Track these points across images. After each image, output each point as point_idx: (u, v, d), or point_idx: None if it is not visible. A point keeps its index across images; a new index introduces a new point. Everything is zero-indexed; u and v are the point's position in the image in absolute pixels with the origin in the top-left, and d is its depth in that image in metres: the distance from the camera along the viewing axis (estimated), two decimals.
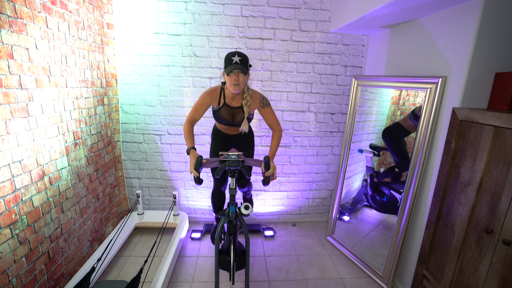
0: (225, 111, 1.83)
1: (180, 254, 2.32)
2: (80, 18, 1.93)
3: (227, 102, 1.81)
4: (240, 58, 1.61)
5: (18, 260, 1.42)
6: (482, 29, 1.37)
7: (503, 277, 1.18)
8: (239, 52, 1.63)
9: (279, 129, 1.87)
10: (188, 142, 1.74)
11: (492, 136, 1.25)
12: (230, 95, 1.78)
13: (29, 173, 1.50)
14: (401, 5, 1.59)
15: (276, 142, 1.84)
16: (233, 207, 1.69)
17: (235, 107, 1.82)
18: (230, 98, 1.80)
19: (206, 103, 1.81)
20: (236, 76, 1.62)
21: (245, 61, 1.63)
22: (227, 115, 1.84)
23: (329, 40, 2.48)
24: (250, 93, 1.79)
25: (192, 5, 2.32)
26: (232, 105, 1.82)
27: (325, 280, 2.08)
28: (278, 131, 1.86)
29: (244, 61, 1.63)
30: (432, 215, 1.62)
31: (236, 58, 1.60)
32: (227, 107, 1.82)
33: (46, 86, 1.62)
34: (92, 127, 2.14)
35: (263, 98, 1.84)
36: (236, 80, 1.62)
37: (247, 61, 1.65)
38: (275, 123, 1.87)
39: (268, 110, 1.85)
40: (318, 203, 2.93)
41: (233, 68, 1.59)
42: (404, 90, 1.97)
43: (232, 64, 1.60)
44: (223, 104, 1.81)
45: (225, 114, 1.84)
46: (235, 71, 1.61)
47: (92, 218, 2.17)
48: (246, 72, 1.64)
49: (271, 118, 1.86)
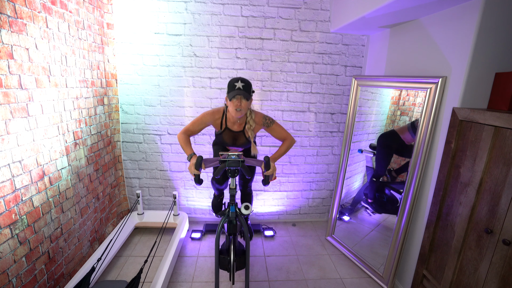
0: (227, 135, 1.85)
1: (180, 254, 2.32)
2: (80, 18, 1.93)
3: (229, 126, 1.82)
4: (243, 84, 1.63)
5: (18, 260, 1.42)
6: (482, 29, 1.37)
7: (503, 277, 1.18)
8: (242, 78, 1.65)
9: (291, 138, 1.85)
10: (187, 150, 1.74)
11: (492, 136, 1.25)
12: (232, 119, 1.79)
13: (29, 173, 1.50)
14: (401, 5, 1.59)
15: (285, 149, 1.82)
16: (233, 207, 1.69)
17: (236, 131, 1.83)
18: (232, 122, 1.81)
19: (206, 122, 1.82)
20: (239, 102, 1.63)
21: (248, 87, 1.65)
22: (229, 139, 1.87)
23: (329, 40, 2.48)
24: (253, 116, 1.79)
25: (192, 5, 2.32)
26: (234, 129, 1.83)
27: (325, 280, 2.08)
28: (289, 140, 1.84)
29: (247, 87, 1.64)
30: (432, 215, 1.62)
31: (239, 84, 1.62)
32: (229, 131, 1.83)
33: (46, 86, 1.62)
34: (92, 127, 2.14)
35: (265, 118, 1.83)
36: (238, 105, 1.63)
37: (250, 87, 1.67)
38: (286, 135, 1.85)
39: (275, 127, 1.83)
40: (318, 203, 2.93)
41: (235, 94, 1.61)
42: (404, 90, 1.97)
43: (235, 90, 1.62)
44: (225, 128, 1.83)
45: (227, 137, 1.86)
46: (237, 96, 1.62)
47: (92, 218, 2.17)
48: (249, 98, 1.66)
49: (280, 133, 1.84)
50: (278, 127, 1.84)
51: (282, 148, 1.82)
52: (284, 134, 1.85)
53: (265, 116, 1.83)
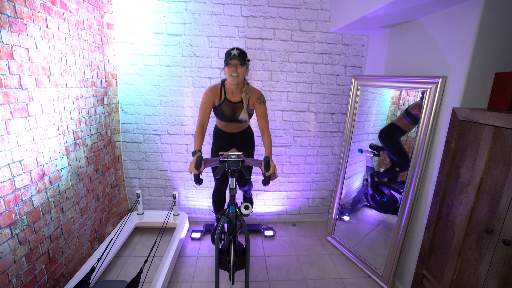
0: (226, 106, 1.89)
1: (180, 254, 2.32)
2: (80, 18, 1.93)
3: (228, 97, 1.88)
4: (238, 51, 1.72)
5: (18, 260, 1.42)
6: (482, 29, 1.37)
7: (503, 277, 1.18)
8: (237, 47, 1.75)
9: (268, 130, 1.89)
10: (196, 144, 1.79)
11: (492, 136, 1.25)
12: (230, 90, 1.86)
13: (29, 173, 1.50)
14: (401, 5, 1.59)
15: (268, 141, 1.85)
16: (233, 207, 1.69)
17: (235, 102, 1.89)
18: (230, 93, 1.87)
19: (210, 100, 1.86)
20: (234, 67, 1.72)
21: (243, 55, 1.74)
22: (228, 110, 1.90)
23: (329, 40, 2.48)
24: (249, 87, 1.88)
25: (192, 5, 2.32)
26: (233, 100, 1.88)
27: (325, 280, 2.08)
28: (267, 133, 1.88)
29: (242, 54, 1.74)
30: (432, 215, 1.62)
31: (234, 52, 1.72)
32: (228, 102, 1.88)
33: (46, 86, 1.62)
34: (92, 127, 2.14)
35: (261, 95, 1.91)
36: (234, 70, 1.72)
37: (245, 55, 1.76)
38: (266, 123, 1.90)
39: (263, 108, 1.90)
40: (318, 203, 2.93)
41: (231, 59, 1.70)
42: (404, 90, 1.97)
43: (230, 56, 1.71)
44: (224, 99, 1.87)
45: (226, 109, 1.90)
46: (233, 61, 1.71)
47: (92, 218, 2.17)
48: (244, 64, 1.74)
49: (264, 116, 1.90)
50: (266, 111, 1.91)
51: (266, 141, 1.85)
52: (266, 120, 1.90)
53: (262, 94, 1.92)
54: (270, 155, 1.79)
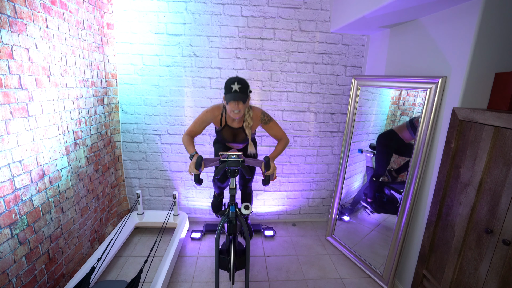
0: (227, 132, 1.86)
1: (180, 254, 2.32)
2: (80, 18, 1.93)
3: (228, 123, 1.82)
4: (239, 86, 1.57)
5: (18, 260, 1.42)
6: (482, 29, 1.37)
7: (503, 277, 1.18)
8: (238, 79, 1.59)
9: (287, 138, 1.85)
10: (189, 149, 1.72)
11: (492, 136, 1.25)
12: (231, 117, 1.78)
13: (29, 173, 1.50)
14: (401, 5, 1.59)
15: (281, 148, 1.82)
16: (233, 207, 1.69)
17: (236, 128, 1.83)
18: (231, 119, 1.80)
19: (207, 120, 1.81)
20: (236, 105, 1.60)
21: (244, 89, 1.60)
22: (229, 136, 1.87)
23: (329, 40, 2.48)
24: (250, 114, 1.77)
25: (192, 5, 2.32)
26: (234, 126, 1.83)
27: (325, 280, 2.08)
28: (285, 140, 1.84)
29: (243, 89, 1.59)
30: (432, 215, 1.62)
31: (235, 86, 1.57)
32: (229, 128, 1.84)
33: (46, 86, 1.62)
34: (92, 127, 2.14)
35: (263, 114, 1.81)
36: (236, 107, 1.61)
37: (247, 88, 1.61)
38: (282, 135, 1.84)
39: (272, 125, 1.82)
40: (318, 203, 2.93)
41: (232, 98, 1.57)
42: (404, 90, 1.97)
43: (231, 93, 1.57)
44: (225, 125, 1.83)
45: (227, 134, 1.87)
46: (234, 101, 1.59)
47: (92, 218, 2.17)
48: (246, 100, 1.62)
49: (276, 132, 1.83)
50: (275, 125, 1.83)
51: (279, 147, 1.82)
52: (280, 133, 1.84)
53: (264, 113, 1.82)
54: (274, 158, 1.77)
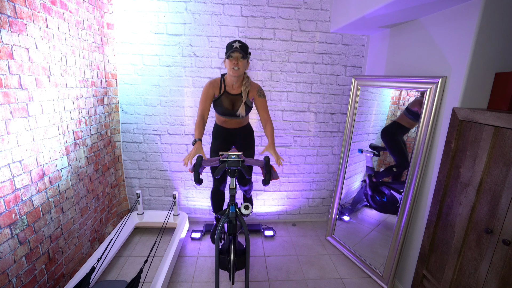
0: (225, 99, 1.91)
1: (180, 254, 2.32)
2: (80, 18, 1.93)
3: (227, 89, 1.91)
4: (240, 44, 1.73)
5: (18, 260, 1.42)
6: (482, 29, 1.37)
7: (503, 277, 1.18)
8: (239, 40, 1.78)
9: (271, 120, 1.92)
10: (196, 133, 1.79)
11: (492, 136, 1.25)
12: (230, 82, 1.88)
13: (29, 173, 1.50)
14: (401, 5, 1.59)
15: (272, 131, 1.87)
16: (233, 207, 1.69)
17: (235, 94, 1.91)
18: (230, 86, 1.90)
19: (210, 93, 1.89)
20: (235, 60, 1.73)
21: (244, 47, 1.75)
22: (227, 103, 1.92)
23: (329, 40, 2.48)
24: (249, 80, 1.91)
25: (192, 5, 2.32)
26: (232, 93, 1.91)
27: (325, 280, 2.08)
28: (270, 122, 1.91)
29: (243, 47, 1.75)
30: (432, 215, 1.62)
31: (236, 44, 1.73)
32: (227, 94, 1.91)
33: (46, 86, 1.62)
34: (92, 127, 2.14)
35: (260, 88, 1.95)
36: (235, 63, 1.73)
37: (246, 48, 1.77)
38: (268, 116, 1.93)
39: (263, 100, 1.94)
40: (318, 203, 2.93)
41: (232, 52, 1.71)
42: (404, 90, 1.97)
43: (232, 49, 1.71)
44: (224, 91, 1.90)
45: (225, 102, 1.92)
46: (234, 54, 1.72)
47: (92, 218, 2.17)
48: (245, 57, 1.75)
49: (264, 108, 1.94)
50: (266, 103, 1.95)
51: (269, 131, 1.87)
52: (267, 114, 1.93)
53: (261, 88, 1.96)
54: (273, 143, 1.82)
